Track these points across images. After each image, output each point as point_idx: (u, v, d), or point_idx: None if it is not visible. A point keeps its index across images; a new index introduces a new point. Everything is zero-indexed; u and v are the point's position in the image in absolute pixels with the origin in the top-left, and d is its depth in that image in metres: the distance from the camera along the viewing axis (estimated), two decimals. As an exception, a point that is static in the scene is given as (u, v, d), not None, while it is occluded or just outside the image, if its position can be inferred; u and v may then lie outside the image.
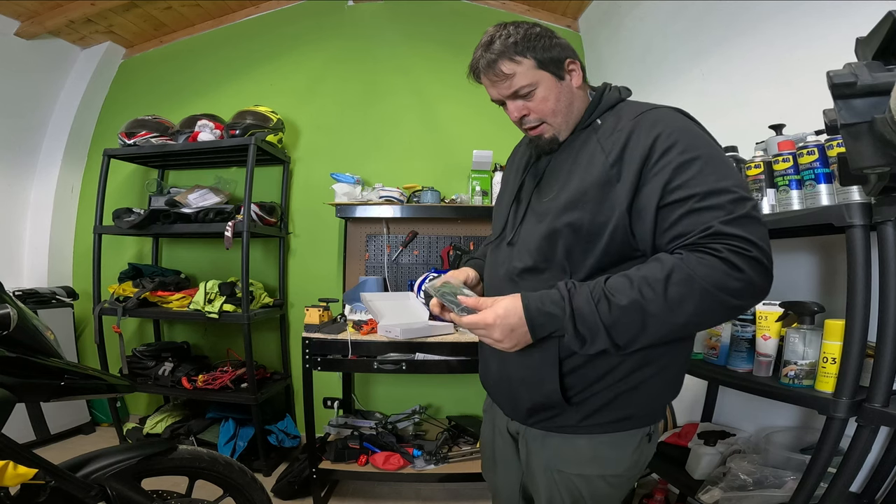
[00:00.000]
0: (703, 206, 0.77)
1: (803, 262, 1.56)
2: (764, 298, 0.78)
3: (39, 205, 3.03)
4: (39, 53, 2.86)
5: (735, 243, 0.74)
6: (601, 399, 0.88)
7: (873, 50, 0.62)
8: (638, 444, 0.92)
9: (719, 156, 0.83)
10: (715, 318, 0.79)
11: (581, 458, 0.92)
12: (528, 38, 0.91)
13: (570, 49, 0.95)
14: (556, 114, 0.94)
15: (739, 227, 0.75)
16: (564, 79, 0.93)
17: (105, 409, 2.93)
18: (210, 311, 2.40)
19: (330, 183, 2.64)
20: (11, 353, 0.90)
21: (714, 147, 0.84)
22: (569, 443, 0.92)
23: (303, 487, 2.20)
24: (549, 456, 0.95)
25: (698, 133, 0.85)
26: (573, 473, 0.92)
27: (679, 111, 0.89)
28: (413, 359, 1.98)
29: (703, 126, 0.89)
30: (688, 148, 0.80)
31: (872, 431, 1.01)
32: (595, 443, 0.91)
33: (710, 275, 0.73)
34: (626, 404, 0.89)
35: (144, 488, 1.16)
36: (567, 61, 0.93)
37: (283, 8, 3.12)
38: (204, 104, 2.91)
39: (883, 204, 0.96)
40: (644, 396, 0.89)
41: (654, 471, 1.78)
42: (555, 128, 0.96)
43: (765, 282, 0.76)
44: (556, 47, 0.92)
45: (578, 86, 0.96)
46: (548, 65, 0.91)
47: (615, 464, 0.92)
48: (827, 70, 0.64)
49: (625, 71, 2.60)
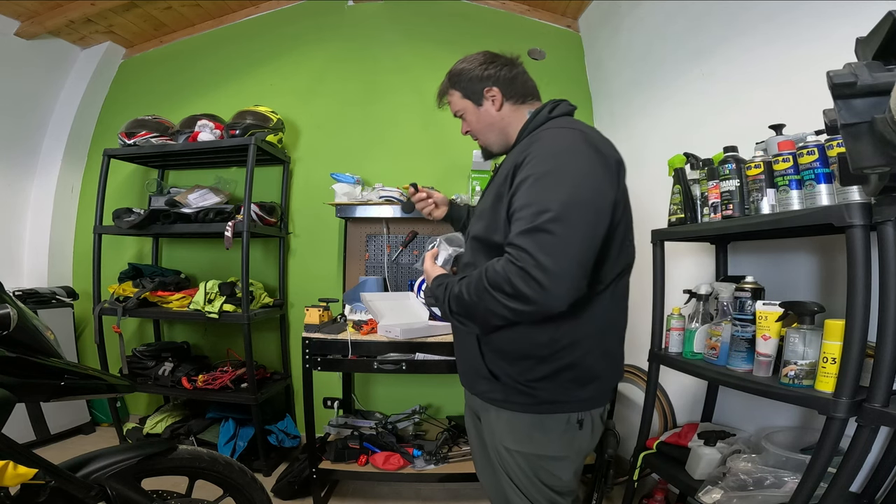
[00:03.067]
0: (516, 218, 0.92)
1: (803, 262, 1.56)
2: (540, 306, 0.86)
3: (39, 205, 3.03)
4: (39, 53, 2.86)
5: (513, 252, 0.88)
6: (520, 383, 1.02)
7: (873, 50, 0.62)
8: (565, 430, 1.03)
9: (562, 171, 0.91)
10: (498, 311, 0.91)
11: (514, 434, 1.05)
12: (456, 75, 1.20)
13: (492, 79, 1.15)
14: (479, 133, 1.21)
15: (523, 239, 0.87)
16: (482, 105, 1.17)
17: (105, 409, 2.93)
18: (210, 311, 2.40)
19: (330, 183, 2.64)
20: (11, 353, 0.90)
21: (563, 164, 0.92)
22: (505, 418, 1.06)
23: (303, 487, 2.20)
24: (496, 429, 1.09)
25: (559, 151, 0.95)
26: (513, 449, 1.06)
27: (567, 132, 0.99)
28: (413, 359, 1.98)
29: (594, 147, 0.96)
30: (535, 166, 0.93)
31: (872, 431, 1.01)
32: (525, 422, 1.04)
33: (492, 278, 0.90)
34: (538, 390, 1.01)
35: (144, 488, 1.16)
36: (485, 90, 1.15)
37: (283, 8, 3.12)
38: (204, 104, 2.91)
39: (883, 204, 0.96)
40: (559, 386, 1.01)
41: (654, 471, 1.78)
42: (483, 142, 1.22)
43: (534, 293, 0.85)
44: (474, 80, 1.16)
45: (498, 109, 1.16)
46: (469, 95, 1.18)
47: (545, 445, 1.04)
48: (827, 70, 0.64)
49: (625, 71, 2.60)
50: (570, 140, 0.97)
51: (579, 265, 0.87)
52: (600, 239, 0.91)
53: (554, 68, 3.00)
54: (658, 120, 2.32)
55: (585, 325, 0.99)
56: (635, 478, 1.77)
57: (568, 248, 0.85)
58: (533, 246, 0.85)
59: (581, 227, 0.87)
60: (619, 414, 2.42)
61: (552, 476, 1.06)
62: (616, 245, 0.99)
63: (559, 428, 1.03)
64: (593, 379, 1.03)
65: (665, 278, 1.71)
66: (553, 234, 0.85)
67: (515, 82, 1.16)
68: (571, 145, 0.96)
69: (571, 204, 0.87)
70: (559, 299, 0.86)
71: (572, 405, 1.03)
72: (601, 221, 0.92)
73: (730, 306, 1.46)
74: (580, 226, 0.87)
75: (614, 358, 1.09)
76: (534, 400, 1.02)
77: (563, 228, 0.85)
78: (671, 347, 1.66)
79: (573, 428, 1.03)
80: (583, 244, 0.88)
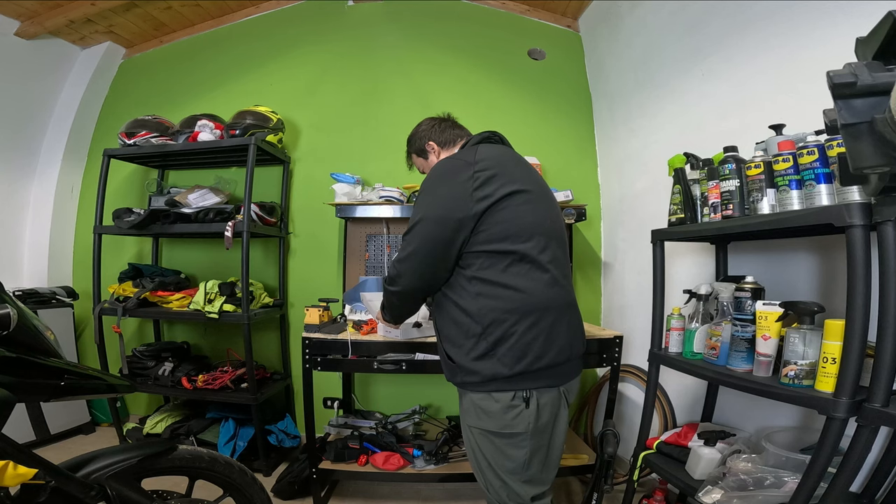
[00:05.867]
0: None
1: (803, 262, 1.56)
2: (397, 286, 1.26)
3: (39, 205, 3.03)
4: (39, 53, 2.86)
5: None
6: (466, 364, 1.19)
7: (873, 50, 0.62)
8: (509, 406, 1.17)
9: (426, 195, 1.23)
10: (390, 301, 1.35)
11: (471, 411, 1.22)
12: (409, 141, 1.56)
13: (426, 135, 1.50)
14: None
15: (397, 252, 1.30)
16: (428, 157, 1.51)
17: (105, 409, 2.93)
18: (210, 311, 2.40)
19: (330, 183, 2.64)
20: (11, 353, 0.90)
21: (429, 189, 1.23)
22: (468, 399, 1.23)
23: (303, 487, 2.20)
24: (462, 409, 1.28)
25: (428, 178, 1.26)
26: (472, 426, 1.23)
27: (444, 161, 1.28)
28: (413, 359, 1.98)
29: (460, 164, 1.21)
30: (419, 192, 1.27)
31: (872, 431, 1.01)
32: (476, 399, 1.20)
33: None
34: (481, 368, 1.17)
35: (144, 488, 1.16)
36: (426, 145, 1.49)
37: (283, 8, 3.13)
38: (204, 104, 2.91)
39: (883, 204, 0.96)
40: (497, 364, 1.16)
41: (654, 471, 1.78)
42: None
43: (390, 284, 1.29)
44: (416, 141, 1.52)
45: (438, 156, 1.48)
46: (419, 153, 1.54)
47: (490, 420, 1.19)
48: (827, 70, 0.64)
49: (625, 71, 2.60)
50: (442, 168, 1.25)
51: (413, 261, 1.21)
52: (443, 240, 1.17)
53: (554, 68, 3.00)
54: (658, 120, 2.32)
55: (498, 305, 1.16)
56: (635, 478, 1.77)
57: (408, 249, 1.21)
58: (396, 257, 1.25)
59: (420, 233, 1.19)
60: (619, 414, 2.42)
61: (504, 456, 1.20)
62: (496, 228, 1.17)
63: (504, 403, 1.17)
64: (525, 356, 1.16)
65: (665, 278, 1.71)
66: (406, 241, 1.22)
67: (445, 132, 1.48)
68: (436, 169, 1.26)
69: (421, 219, 1.19)
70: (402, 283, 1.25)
71: (514, 382, 1.16)
72: (444, 226, 1.17)
73: (730, 306, 1.46)
74: (420, 234, 1.19)
75: (545, 336, 1.17)
76: (480, 378, 1.18)
77: (410, 237, 1.21)
78: (671, 347, 1.66)
79: (518, 405, 1.17)
80: (416, 246, 1.19)
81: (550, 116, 2.97)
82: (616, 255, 2.65)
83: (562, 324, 1.20)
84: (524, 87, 2.97)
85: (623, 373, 2.37)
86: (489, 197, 1.16)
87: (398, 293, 1.28)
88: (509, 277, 1.17)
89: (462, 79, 2.97)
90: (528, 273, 1.17)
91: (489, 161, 1.20)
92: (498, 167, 1.20)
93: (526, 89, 2.96)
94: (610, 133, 2.82)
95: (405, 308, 1.36)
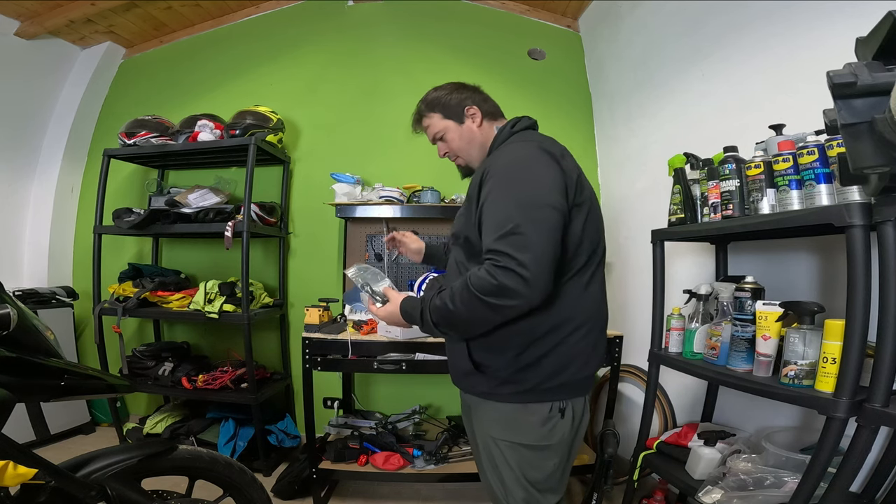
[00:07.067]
0: (486, 227, 1.03)
1: (803, 262, 1.56)
2: (526, 298, 0.96)
3: (39, 205, 3.03)
4: (39, 53, 2.86)
5: (494, 257, 0.97)
6: (504, 373, 1.09)
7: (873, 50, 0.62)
8: (547, 418, 1.10)
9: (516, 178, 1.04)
10: (485, 314, 1.00)
11: (501, 423, 1.12)
12: (436, 98, 1.29)
13: (470, 98, 1.27)
14: (461, 149, 1.29)
15: (500, 243, 0.97)
16: (464, 122, 1.27)
17: (105, 409, 2.93)
18: (210, 311, 2.40)
19: (330, 183, 2.64)
20: (11, 353, 0.90)
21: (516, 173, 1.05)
22: (491, 409, 1.13)
23: (303, 487, 2.20)
24: (484, 420, 1.16)
25: (512, 162, 1.08)
26: (499, 438, 1.12)
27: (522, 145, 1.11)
28: (413, 359, 1.98)
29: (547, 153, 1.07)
30: (497, 179, 1.05)
31: (872, 431, 1.01)
32: (508, 410, 1.11)
33: (476, 283, 0.98)
34: (524, 379, 1.08)
35: (144, 488, 1.16)
36: (466, 108, 1.26)
37: (283, 8, 3.12)
38: (204, 104, 2.91)
39: (883, 204, 0.96)
40: (542, 373, 1.08)
41: (654, 471, 1.79)
42: (465, 159, 1.31)
43: (518, 285, 0.95)
44: (453, 100, 1.26)
45: (479, 125, 1.26)
46: (450, 115, 1.27)
47: (528, 432, 1.10)
48: (827, 70, 0.64)
49: (625, 71, 2.60)
50: (525, 152, 1.09)
51: (551, 258, 0.98)
52: (560, 233, 1.02)
53: (554, 68, 3.00)
54: (658, 120, 2.32)
55: (559, 314, 1.07)
56: (635, 478, 1.77)
57: (535, 245, 0.96)
58: (509, 247, 0.96)
59: (540, 226, 0.98)
60: (619, 414, 2.42)
61: (534, 468, 1.12)
62: (575, 236, 1.08)
63: (541, 415, 1.10)
64: (571, 366, 1.09)
65: (665, 278, 1.71)
66: (523, 234, 0.96)
67: (488, 102, 1.30)
68: (525, 156, 1.08)
69: (526, 206, 0.99)
70: (540, 290, 0.97)
71: (553, 393, 1.09)
72: (557, 218, 1.02)
73: (730, 306, 1.46)
74: (540, 225, 0.98)
75: (592, 347, 1.13)
76: (518, 388, 1.09)
77: (529, 229, 0.97)
78: (671, 347, 1.66)
79: (555, 416, 1.10)
80: (544, 240, 0.98)
81: (550, 116, 2.96)
82: (616, 255, 2.65)
83: (604, 333, 1.18)
84: (524, 87, 2.97)
85: (623, 373, 2.37)
86: (575, 199, 1.07)
87: (516, 307, 0.97)
88: (574, 286, 1.09)
89: (462, 78, 2.95)
90: (590, 283, 1.12)
91: (571, 159, 1.12)
92: (576, 167, 1.12)
93: (526, 89, 2.96)
94: (610, 133, 2.82)
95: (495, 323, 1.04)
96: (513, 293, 0.95)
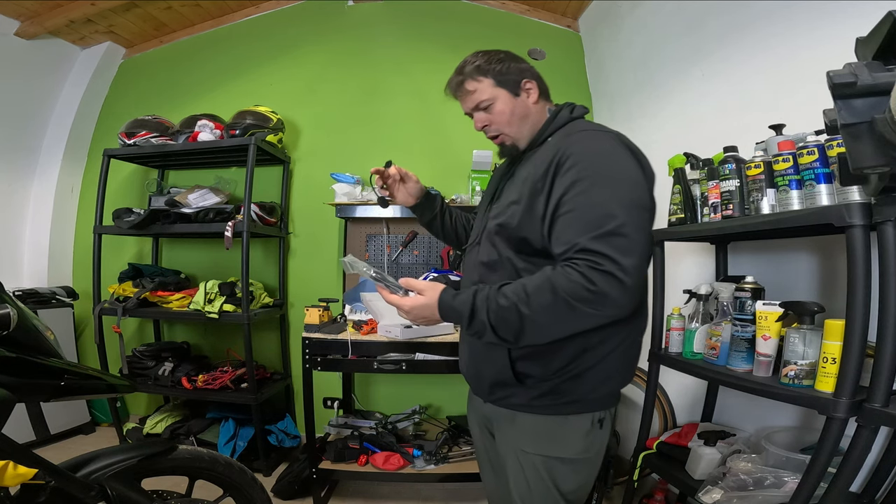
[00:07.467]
0: (578, 222, 0.89)
1: (803, 262, 1.56)
2: (627, 306, 0.87)
3: (39, 205, 3.03)
4: (39, 53, 2.86)
5: (592, 258, 0.85)
6: (548, 383, 1.00)
7: (873, 50, 0.62)
8: (589, 429, 1.02)
9: (614, 176, 0.92)
10: (578, 323, 0.89)
11: (538, 438, 1.03)
12: (489, 62, 1.10)
13: (529, 72, 1.12)
14: (511, 124, 1.10)
15: (600, 243, 0.86)
16: (520, 95, 1.10)
17: (105, 409, 2.93)
18: (210, 311, 2.40)
19: (330, 183, 2.64)
20: (11, 353, 0.90)
21: (613, 169, 0.93)
22: (527, 422, 1.04)
23: (303, 487, 2.20)
24: (514, 435, 1.06)
25: (605, 155, 0.96)
26: (533, 453, 1.03)
27: (605, 135, 1.00)
28: (413, 359, 1.98)
29: (632, 150, 0.98)
30: (584, 168, 0.92)
31: (872, 431, 1.01)
32: (548, 424, 1.02)
33: (567, 287, 0.85)
34: (570, 389, 1.00)
35: (144, 488, 1.16)
36: (524, 81, 1.10)
37: (283, 8, 3.12)
38: (204, 104, 2.91)
39: (883, 204, 0.96)
40: (587, 383, 1.00)
41: (654, 471, 1.78)
42: (512, 136, 1.12)
43: (619, 293, 0.85)
44: (512, 70, 1.10)
45: (534, 102, 1.11)
46: (504, 83, 1.09)
47: (568, 446, 1.02)
48: (827, 70, 0.64)
49: (625, 71, 2.60)
50: (611, 144, 0.98)
51: (647, 267, 0.91)
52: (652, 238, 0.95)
53: (554, 68, 2.98)
54: (658, 120, 2.32)
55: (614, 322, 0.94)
56: (635, 478, 1.77)
57: (639, 250, 0.88)
58: (612, 250, 0.85)
59: (643, 229, 0.91)
60: (619, 414, 2.42)
61: (568, 479, 1.04)
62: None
63: (583, 428, 1.02)
64: (616, 375, 1.04)
65: (665, 278, 1.71)
66: (627, 237, 0.86)
67: (542, 79, 1.16)
68: (613, 149, 0.97)
69: (629, 206, 0.89)
70: (634, 301, 0.89)
71: (596, 404, 1.03)
72: (651, 222, 0.96)
73: (730, 306, 1.46)
74: (642, 228, 0.90)
75: (636, 356, 1.09)
76: (559, 400, 1.00)
77: (633, 231, 0.87)
78: (671, 347, 1.66)
79: (595, 427, 1.03)
80: (646, 245, 0.91)
81: (550, 116, 2.97)
82: (616, 255, 2.65)
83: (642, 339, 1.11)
84: (524, 87, 2.96)
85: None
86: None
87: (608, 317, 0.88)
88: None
89: (462, 79, 2.97)
90: (644, 288, 1.02)
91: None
92: None
93: (526, 89, 2.96)
94: (610, 133, 2.81)
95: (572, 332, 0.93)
96: (611, 302, 0.85)
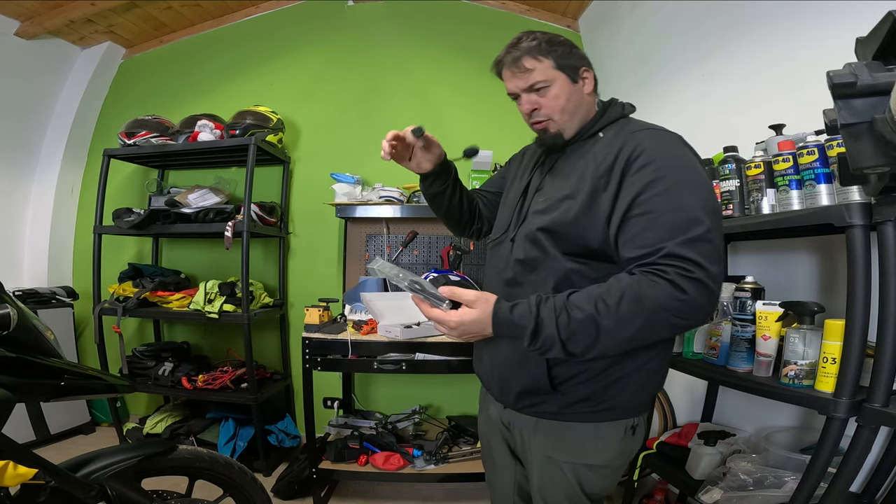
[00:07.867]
0: (660, 224, 0.84)
1: (803, 262, 1.56)
2: (704, 319, 0.84)
3: (39, 205, 3.03)
4: (39, 53, 2.86)
5: (682, 265, 0.80)
6: (584, 389, 0.96)
7: (873, 50, 0.62)
8: (623, 436, 0.99)
9: (693, 180, 0.88)
10: (661, 333, 0.86)
11: (568, 445, 0.99)
12: (550, 42, 1.02)
13: (586, 60, 1.05)
14: (564, 111, 1.03)
15: (689, 249, 0.81)
16: (577, 83, 1.03)
17: (105, 409, 2.93)
18: (210, 311, 2.40)
19: (330, 183, 2.64)
20: (11, 353, 0.90)
21: (691, 172, 0.90)
22: (557, 430, 0.99)
23: (303, 487, 2.20)
24: (542, 442, 1.02)
25: (680, 157, 0.92)
26: (562, 461, 0.99)
27: (672, 135, 0.96)
28: (413, 359, 1.98)
29: (694, 152, 0.96)
30: (662, 168, 0.88)
31: (872, 431, 1.01)
32: (580, 431, 0.98)
33: (656, 296, 0.80)
34: (606, 396, 0.96)
35: (144, 488, 1.16)
36: (582, 69, 1.03)
37: (283, 8, 3.12)
38: (204, 104, 2.91)
39: (883, 204, 0.96)
40: (625, 390, 0.96)
41: (654, 471, 1.78)
42: (559, 125, 1.04)
43: (707, 302, 0.81)
44: (573, 55, 1.03)
45: (589, 93, 1.05)
46: (564, 67, 1.01)
47: (599, 453, 0.99)
48: (827, 70, 0.64)
49: (625, 71, 2.59)
50: (680, 145, 0.95)
51: None
52: None
53: (554, 68, 3.00)
54: (658, 119, 2.28)
55: None
56: (635, 478, 1.77)
57: (722, 257, 0.87)
58: (701, 257, 0.81)
59: (721, 235, 0.88)
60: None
61: (595, 484, 1.01)
62: None
63: (616, 435, 0.98)
64: (653, 380, 1.01)
65: (665, 278, 1.71)
66: (712, 243, 0.83)
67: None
68: (685, 151, 0.94)
69: (712, 212, 0.86)
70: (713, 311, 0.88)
71: (631, 410, 0.99)
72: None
73: (730, 306, 1.46)
74: (721, 233, 0.88)
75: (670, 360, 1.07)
76: (594, 407, 0.96)
77: (717, 237, 0.84)
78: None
79: (629, 434, 1.00)
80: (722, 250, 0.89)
81: (550, 116, 2.97)
82: (616, 255, 2.65)
83: None
84: (524, 87, 2.97)
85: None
86: None
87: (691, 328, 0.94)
88: None
89: (462, 77, 2.97)
90: None
91: None
92: None
93: (526, 89, 2.96)
94: (610, 133, 2.81)
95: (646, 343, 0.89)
96: (700, 311, 0.81)
